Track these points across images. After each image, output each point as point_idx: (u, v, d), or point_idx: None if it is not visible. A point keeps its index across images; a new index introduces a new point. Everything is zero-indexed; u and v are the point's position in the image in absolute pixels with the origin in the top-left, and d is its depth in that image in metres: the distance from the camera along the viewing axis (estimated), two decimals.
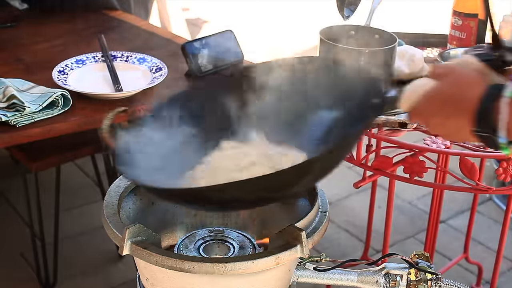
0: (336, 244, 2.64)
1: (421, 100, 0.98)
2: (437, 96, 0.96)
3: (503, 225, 1.93)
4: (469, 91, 0.93)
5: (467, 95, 0.92)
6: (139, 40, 2.21)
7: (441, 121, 0.96)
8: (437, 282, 1.15)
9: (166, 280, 1.11)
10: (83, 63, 1.92)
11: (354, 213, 2.83)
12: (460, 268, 2.47)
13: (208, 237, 1.24)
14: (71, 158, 2.31)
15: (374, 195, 2.28)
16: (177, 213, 1.33)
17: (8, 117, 1.59)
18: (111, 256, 2.50)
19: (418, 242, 2.65)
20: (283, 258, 1.06)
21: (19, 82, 1.75)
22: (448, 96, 0.95)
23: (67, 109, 1.68)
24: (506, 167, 1.54)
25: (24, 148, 2.19)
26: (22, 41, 2.19)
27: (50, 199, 2.32)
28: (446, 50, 1.87)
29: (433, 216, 2.13)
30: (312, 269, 1.19)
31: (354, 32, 1.86)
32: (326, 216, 1.18)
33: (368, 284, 1.18)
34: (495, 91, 0.90)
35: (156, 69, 1.89)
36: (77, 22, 2.39)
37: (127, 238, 1.08)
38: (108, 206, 1.19)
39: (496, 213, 2.84)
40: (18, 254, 2.50)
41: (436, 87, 0.97)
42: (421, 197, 2.93)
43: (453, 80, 0.96)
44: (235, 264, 1.04)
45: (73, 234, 2.62)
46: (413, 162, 1.60)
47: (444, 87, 0.96)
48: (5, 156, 3.02)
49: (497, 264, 1.99)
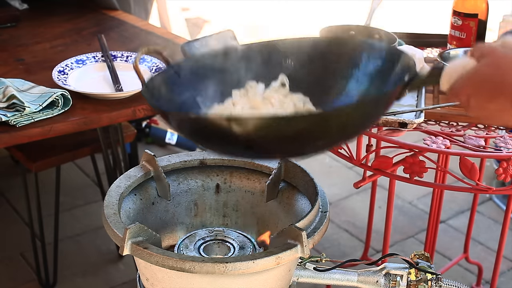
0: (336, 244, 2.64)
1: (461, 80, 0.96)
2: (477, 77, 0.94)
3: (503, 225, 1.93)
4: (510, 74, 0.91)
5: (508, 78, 0.91)
6: (139, 40, 2.21)
7: (480, 103, 0.94)
8: (437, 282, 1.15)
9: (167, 280, 1.11)
10: (83, 63, 1.92)
11: (354, 213, 2.83)
12: (460, 268, 2.47)
13: (208, 237, 1.24)
14: (71, 158, 2.31)
15: (374, 195, 2.28)
16: (177, 213, 1.33)
17: (8, 117, 1.59)
18: (111, 256, 2.50)
19: (418, 242, 2.65)
20: (283, 258, 1.06)
21: (19, 82, 1.75)
22: (488, 78, 0.93)
23: (67, 109, 1.68)
24: (506, 167, 1.53)
25: (24, 148, 2.19)
26: (22, 41, 2.19)
27: (50, 199, 2.32)
28: (446, 50, 1.87)
29: (433, 216, 2.13)
30: (312, 269, 1.19)
31: (354, 32, 1.86)
32: (326, 216, 1.18)
33: (368, 284, 1.18)
34: None
35: (156, 69, 1.89)
36: (77, 22, 2.39)
37: (127, 238, 1.08)
38: (108, 206, 1.19)
39: (496, 213, 2.84)
40: (18, 254, 2.50)
41: (477, 68, 0.95)
42: (421, 197, 2.93)
43: (493, 61, 0.94)
44: (235, 264, 1.04)
45: (73, 234, 2.62)
46: (413, 162, 1.60)
47: (485, 68, 0.94)
48: (5, 156, 3.02)
49: (497, 264, 1.99)
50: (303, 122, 0.96)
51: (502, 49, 0.95)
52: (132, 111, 1.70)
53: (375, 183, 2.28)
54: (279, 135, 0.96)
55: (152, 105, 1.07)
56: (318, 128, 0.97)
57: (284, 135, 0.96)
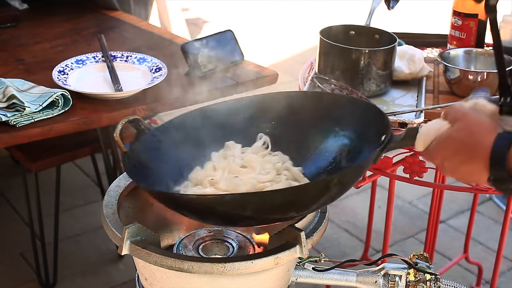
0: (336, 244, 2.64)
1: (435, 144, 1.01)
2: (450, 142, 0.99)
3: (503, 225, 1.93)
4: (482, 138, 0.94)
5: (480, 143, 0.94)
6: (139, 40, 2.21)
7: (454, 166, 0.98)
8: (436, 282, 1.15)
9: (165, 279, 1.11)
10: (83, 63, 1.92)
11: (354, 213, 2.83)
12: (460, 268, 2.47)
13: (207, 237, 1.24)
14: (71, 158, 2.31)
15: (374, 195, 2.28)
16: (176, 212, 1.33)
17: (8, 117, 1.59)
18: (111, 256, 2.50)
19: (418, 242, 2.65)
20: (282, 258, 1.06)
21: (19, 82, 1.75)
22: (461, 143, 0.97)
23: (67, 109, 1.68)
24: None
25: (24, 148, 2.19)
26: (22, 41, 2.19)
27: (50, 199, 2.32)
28: (446, 50, 1.87)
29: (433, 216, 2.13)
30: (311, 269, 1.19)
31: (354, 32, 1.86)
32: (325, 216, 1.18)
33: (367, 284, 1.18)
34: (506, 141, 0.92)
35: (156, 69, 1.89)
36: (77, 22, 2.39)
37: (126, 237, 1.08)
38: (107, 205, 1.19)
39: (496, 213, 2.84)
40: (18, 254, 2.50)
41: (450, 132, 0.99)
42: (421, 197, 2.93)
43: (466, 127, 0.98)
44: (234, 264, 1.04)
45: (73, 234, 2.62)
46: (413, 162, 1.60)
47: (457, 133, 0.98)
48: (5, 156, 3.03)
49: (497, 264, 1.99)
50: (282, 196, 1.03)
51: (474, 114, 0.99)
52: (132, 111, 1.71)
53: (375, 183, 2.28)
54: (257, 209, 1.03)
55: (138, 183, 1.14)
56: (297, 199, 1.03)
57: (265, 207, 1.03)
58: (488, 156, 0.92)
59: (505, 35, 1.83)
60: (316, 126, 1.27)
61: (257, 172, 1.21)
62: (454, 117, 1.00)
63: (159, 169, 1.20)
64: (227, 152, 1.27)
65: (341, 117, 1.24)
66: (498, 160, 0.92)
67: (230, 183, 1.18)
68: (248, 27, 5.04)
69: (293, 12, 5.49)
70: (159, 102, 1.77)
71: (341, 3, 5.46)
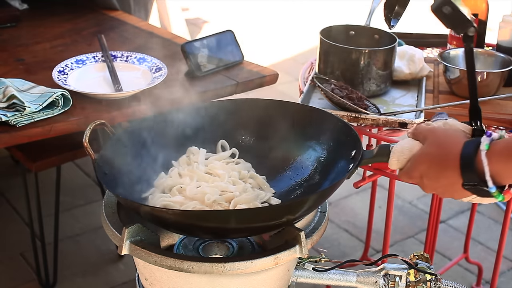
0: (336, 244, 2.64)
1: (410, 163, 1.05)
2: (424, 157, 1.03)
3: (503, 225, 1.93)
4: (451, 148, 0.99)
5: (450, 152, 0.98)
6: (139, 40, 2.21)
7: (433, 180, 1.02)
8: (436, 283, 1.15)
9: (165, 279, 1.11)
10: (83, 63, 1.92)
11: (354, 213, 2.83)
12: (460, 268, 2.47)
13: None
14: (71, 158, 2.31)
15: (374, 195, 2.28)
16: None
17: (8, 117, 1.59)
18: (111, 256, 2.50)
19: (418, 242, 2.65)
20: (282, 258, 1.06)
21: (19, 82, 1.75)
22: (433, 156, 1.01)
23: (67, 109, 1.68)
24: None
25: (24, 148, 2.19)
26: (22, 41, 2.19)
27: (50, 199, 2.32)
28: (446, 50, 1.87)
29: (433, 216, 2.13)
30: (311, 269, 1.19)
31: (354, 32, 1.86)
32: (325, 216, 1.18)
33: (367, 284, 1.18)
34: (473, 146, 0.96)
35: (156, 69, 1.89)
36: (77, 22, 2.39)
37: (126, 237, 1.08)
38: (107, 205, 1.19)
39: (496, 213, 2.84)
40: (18, 254, 2.50)
41: (423, 149, 1.04)
42: (421, 197, 2.93)
43: (435, 140, 1.02)
44: (234, 264, 1.04)
45: (73, 234, 2.62)
46: None
47: (429, 148, 1.03)
48: (5, 156, 3.03)
49: (497, 264, 1.99)
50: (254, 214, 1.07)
51: (441, 128, 1.04)
52: (132, 111, 1.70)
53: (375, 183, 2.28)
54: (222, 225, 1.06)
55: (112, 193, 1.14)
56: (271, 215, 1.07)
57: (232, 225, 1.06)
58: (458, 163, 0.96)
59: (505, 35, 1.83)
60: (286, 138, 1.29)
61: (226, 180, 1.23)
62: (424, 136, 1.05)
63: (128, 175, 1.20)
64: (191, 158, 1.28)
65: (313, 130, 1.27)
66: (467, 164, 0.96)
67: (197, 192, 1.19)
68: (248, 27, 5.04)
69: (293, 12, 5.49)
70: (159, 102, 1.77)
71: (341, 3, 5.47)
